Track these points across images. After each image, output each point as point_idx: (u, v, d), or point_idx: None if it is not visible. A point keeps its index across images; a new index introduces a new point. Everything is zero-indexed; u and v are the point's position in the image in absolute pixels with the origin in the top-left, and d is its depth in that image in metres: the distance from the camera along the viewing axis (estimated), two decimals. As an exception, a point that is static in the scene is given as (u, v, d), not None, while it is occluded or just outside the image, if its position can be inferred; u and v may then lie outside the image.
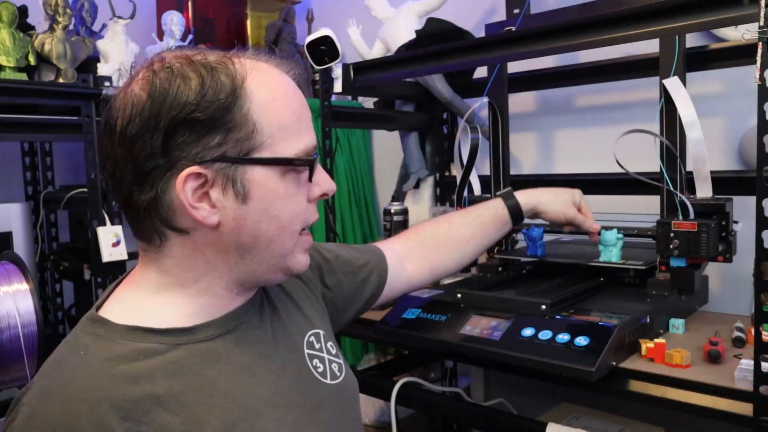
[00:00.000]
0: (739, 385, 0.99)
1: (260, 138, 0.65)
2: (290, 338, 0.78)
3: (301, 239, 0.72)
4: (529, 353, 1.12)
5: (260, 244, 0.68)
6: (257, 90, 0.66)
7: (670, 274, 1.27)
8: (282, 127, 0.67)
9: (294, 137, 0.68)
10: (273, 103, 0.67)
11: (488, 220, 1.15)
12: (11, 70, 1.60)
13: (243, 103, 0.65)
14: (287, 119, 0.68)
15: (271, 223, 0.68)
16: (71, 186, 1.91)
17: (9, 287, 1.26)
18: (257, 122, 0.65)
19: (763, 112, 0.90)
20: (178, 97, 0.62)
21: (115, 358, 0.63)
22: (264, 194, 0.67)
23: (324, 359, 0.80)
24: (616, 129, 1.30)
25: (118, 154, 0.64)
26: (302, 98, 0.72)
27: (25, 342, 1.22)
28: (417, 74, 1.82)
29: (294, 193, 0.69)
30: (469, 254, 1.15)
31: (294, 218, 0.70)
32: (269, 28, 2.35)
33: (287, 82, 0.71)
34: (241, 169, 0.65)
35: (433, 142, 2.10)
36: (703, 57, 1.48)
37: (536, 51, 1.27)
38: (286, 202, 0.68)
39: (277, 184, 0.67)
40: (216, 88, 0.64)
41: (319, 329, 0.84)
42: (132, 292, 0.71)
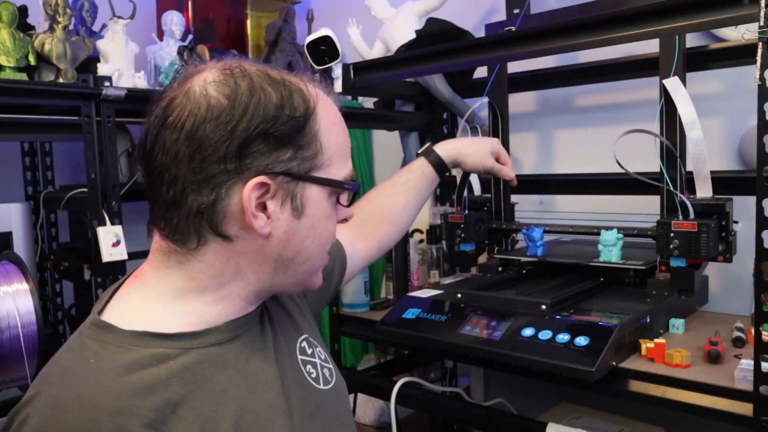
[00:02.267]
0: (739, 385, 0.99)
1: (322, 159, 0.70)
2: (285, 344, 0.79)
3: (323, 259, 0.76)
4: (529, 353, 1.12)
5: (300, 259, 0.72)
6: (324, 113, 0.70)
7: (670, 274, 1.27)
8: (338, 152, 0.72)
9: (343, 162, 0.73)
10: (333, 128, 0.72)
11: (417, 183, 1.18)
12: (11, 70, 1.60)
13: (314, 124, 0.69)
14: (341, 144, 0.73)
15: (314, 240, 0.72)
16: (71, 186, 1.91)
17: (9, 287, 1.26)
18: (322, 143, 0.70)
19: (763, 112, 0.90)
20: (260, 108, 0.64)
21: (128, 365, 0.62)
22: (315, 212, 0.71)
23: (316, 365, 0.81)
24: (616, 129, 1.30)
25: (181, 151, 0.63)
26: (345, 129, 0.77)
27: (25, 342, 1.22)
28: (417, 74, 1.82)
29: (332, 215, 0.74)
30: (408, 220, 1.20)
31: (330, 238, 0.75)
32: (269, 28, 2.35)
33: (335, 109, 0.76)
34: (302, 185, 0.68)
35: (433, 142, 2.10)
36: (703, 57, 1.48)
37: (536, 51, 1.27)
38: (327, 222, 0.73)
39: (326, 204, 0.72)
40: (293, 106, 0.66)
41: (307, 335, 0.85)
42: (141, 295, 0.69)
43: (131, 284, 0.71)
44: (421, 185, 1.18)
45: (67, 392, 0.60)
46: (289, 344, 0.80)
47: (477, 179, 1.75)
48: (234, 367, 0.68)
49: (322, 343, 0.88)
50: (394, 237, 1.18)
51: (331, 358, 0.87)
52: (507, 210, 1.69)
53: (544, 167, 1.98)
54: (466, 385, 1.99)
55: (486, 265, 1.61)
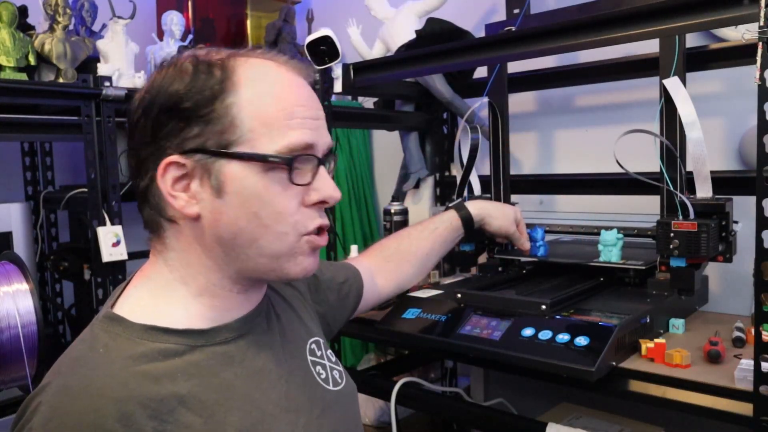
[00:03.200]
0: (739, 385, 0.99)
1: (238, 132, 0.65)
2: (294, 345, 0.79)
3: (300, 244, 0.69)
4: (529, 353, 1.12)
5: (241, 242, 0.67)
6: (246, 84, 0.66)
7: (670, 274, 1.27)
8: (265, 123, 0.66)
9: (279, 134, 0.66)
10: (259, 99, 0.66)
11: (444, 232, 1.24)
12: (11, 70, 1.60)
13: (226, 96, 0.65)
14: (273, 115, 0.66)
15: (250, 220, 0.66)
16: (71, 186, 1.91)
17: (9, 287, 1.26)
18: (237, 116, 0.65)
19: (763, 112, 0.90)
20: (170, 87, 0.65)
21: (136, 357, 0.63)
22: (239, 190, 0.66)
23: (326, 366, 0.81)
24: (616, 129, 1.30)
25: (129, 144, 0.71)
26: (304, 97, 0.69)
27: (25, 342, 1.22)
28: (417, 74, 1.82)
29: (278, 193, 0.66)
30: (429, 265, 1.24)
31: (278, 219, 0.67)
32: (269, 28, 2.35)
33: (287, 79, 0.69)
34: (219, 162, 0.65)
35: (433, 142, 2.10)
36: (703, 57, 1.48)
37: (536, 51, 1.27)
38: (266, 202, 0.66)
39: (256, 181, 0.65)
40: (205, 81, 0.65)
41: (318, 337, 0.85)
42: (146, 289, 0.71)
43: (139, 279, 0.73)
44: (447, 235, 1.24)
45: (76, 381, 0.61)
46: (298, 344, 0.80)
47: (477, 179, 1.75)
48: (240, 364, 0.69)
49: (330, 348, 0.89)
50: (413, 280, 1.21)
51: (341, 362, 0.88)
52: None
53: (544, 167, 1.98)
54: (466, 385, 1.99)
55: (486, 265, 1.61)
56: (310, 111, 0.69)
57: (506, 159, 1.71)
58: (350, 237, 2.26)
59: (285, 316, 0.82)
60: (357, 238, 2.28)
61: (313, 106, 0.70)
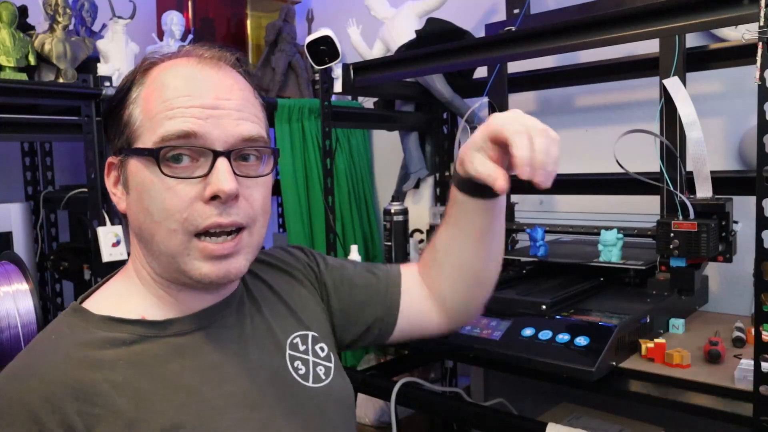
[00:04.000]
0: (739, 385, 0.99)
1: (133, 129, 0.67)
2: (271, 338, 0.77)
3: (193, 245, 0.66)
4: (529, 353, 1.12)
5: (146, 237, 0.68)
6: (145, 84, 0.68)
7: (670, 274, 1.27)
8: (149, 117, 0.66)
9: (157, 125, 0.65)
10: (148, 95, 0.67)
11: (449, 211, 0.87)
12: (11, 70, 1.60)
13: (128, 97, 0.69)
14: (155, 109, 0.66)
15: (145, 216, 0.66)
16: (71, 186, 1.91)
17: (9, 287, 1.26)
18: (132, 114, 0.67)
19: (763, 112, 0.90)
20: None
21: (83, 344, 0.66)
22: (135, 185, 0.67)
23: (308, 362, 0.78)
24: (616, 129, 1.30)
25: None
26: (198, 87, 0.66)
27: (25, 342, 1.22)
28: (417, 74, 1.82)
29: (166, 188, 0.64)
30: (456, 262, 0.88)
31: (166, 215, 0.65)
32: (269, 28, 2.35)
33: (186, 72, 0.68)
34: (126, 160, 0.68)
35: (433, 142, 2.10)
36: (703, 57, 1.48)
37: (536, 51, 1.27)
38: (156, 196, 0.65)
39: (146, 175, 0.65)
40: (122, 85, 0.70)
41: (311, 331, 0.82)
42: (119, 282, 0.75)
43: (119, 273, 0.76)
44: (454, 214, 0.86)
45: (19, 365, 0.65)
46: (277, 338, 0.78)
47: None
48: (192, 357, 0.69)
49: (330, 342, 0.84)
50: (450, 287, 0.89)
51: (337, 359, 0.83)
52: (507, 210, 1.69)
53: (544, 167, 1.98)
54: (466, 385, 1.99)
55: (486, 265, 1.61)
56: (199, 100, 0.65)
57: (506, 159, 1.71)
58: (350, 237, 2.26)
59: (267, 307, 0.80)
60: (357, 238, 2.28)
61: (207, 96, 0.66)
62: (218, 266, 0.67)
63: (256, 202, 0.69)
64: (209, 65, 0.69)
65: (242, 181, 0.67)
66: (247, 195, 0.68)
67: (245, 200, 0.67)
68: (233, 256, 0.67)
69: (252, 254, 0.71)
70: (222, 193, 0.64)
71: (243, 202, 0.67)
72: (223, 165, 0.64)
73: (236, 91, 0.69)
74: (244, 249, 0.69)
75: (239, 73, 0.71)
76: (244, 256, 0.69)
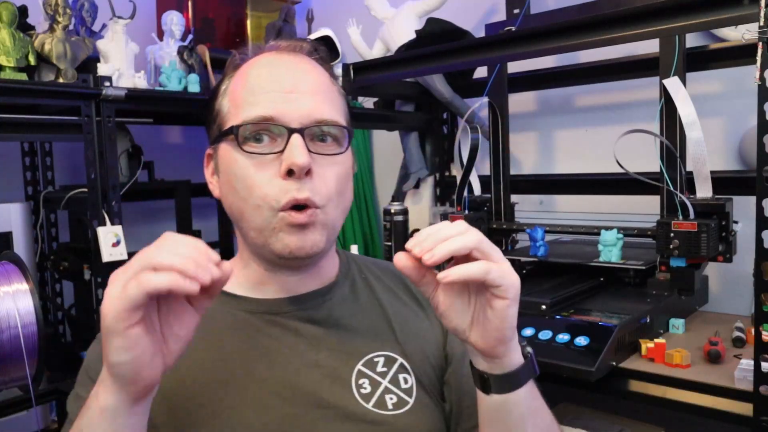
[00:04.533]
0: (739, 385, 0.99)
1: (221, 117, 0.73)
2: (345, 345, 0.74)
3: (277, 217, 0.68)
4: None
5: (236, 216, 0.72)
6: (233, 78, 0.75)
7: (670, 274, 1.27)
8: (235, 105, 0.72)
9: (240, 111, 0.70)
10: (235, 86, 0.73)
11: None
12: (11, 70, 1.60)
13: (219, 90, 0.75)
14: (239, 97, 0.72)
15: (234, 196, 0.71)
16: (71, 186, 1.91)
17: (9, 287, 1.26)
18: (222, 105, 0.74)
19: (763, 112, 0.90)
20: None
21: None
22: (224, 168, 0.72)
23: (379, 384, 0.73)
24: (616, 129, 1.30)
25: None
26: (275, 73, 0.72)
27: (25, 342, 1.22)
28: (417, 74, 1.82)
29: (248, 167, 0.69)
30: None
31: (249, 192, 0.69)
32: (269, 28, 2.35)
33: (265, 62, 0.74)
34: (217, 147, 0.74)
35: (433, 142, 2.10)
36: (703, 57, 1.48)
37: (536, 51, 1.27)
38: (240, 174, 0.69)
39: (234, 157, 0.70)
40: (217, 82, 0.77)
41: (403, 358, 0.75)
42: (235, 258, 0.80)
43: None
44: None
45: None
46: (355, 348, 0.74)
47: (477, 179, 1.75)
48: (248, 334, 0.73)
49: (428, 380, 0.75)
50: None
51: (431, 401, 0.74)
52: (507, 210, 1.69)
53: (544, 167, 1.98)
54: (466, 385, 1.98)
55: (486, 265, 1.61)
56: (278, 84, 0.70)
57: (506, 159, 1.71)
58: (350, 237, 2.26)
59: (363, 317, 0.77)
60: (357, 238, 2.28)
61: (285, 80, 0.71)
62: (297, 236, 0.69)
63: (329, 180, 0.70)
64: (287, 54, 0.75)
65: (316, 158, 0.69)
66: (321, 173, 0.70)
67: (319, 178, 0.69)
68: (310, 228, 0.69)
69: (329, 234, 0.71)
70: (295, 166, 0.66)
71: (317, 180, 0.69)
72: (296, 140, 0.67)
73: (312, 75, 0.73)
74: (320, 224, 0.70)
75: (315, 61, 0.76)
76: (320, 231, 0.70)
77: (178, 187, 2.13)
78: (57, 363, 1.81)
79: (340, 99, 0.76)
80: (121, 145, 1.88)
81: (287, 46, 0.76)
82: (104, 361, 0.54)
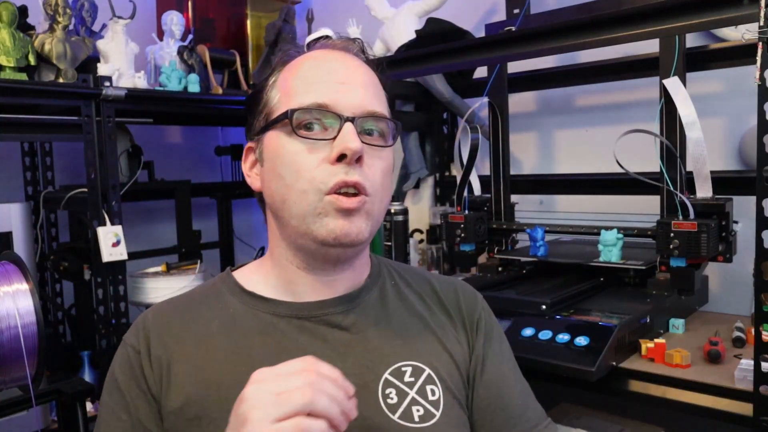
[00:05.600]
0: (739, 385, 0.99)
1: (270, 108, 0.73)
2: (373, 354, 0.72)
3: (324, 201, 0.68)
4: (529, 353, 1.12)
5: (278, 205, 0.72)
6: (282, 71, 0.75)
7: (670, 274, 1.27)
8: (286, 94, 0.72)
9: (293, 98, 0.71)
10: (286, 78, 0.74)
11: None
12: (11, 70, 1.60)
13: (267, 83, 0.76)
14: (291, 86, 0.72)
15: (278, 182, 0.71)
16: (71, 186, 1.91)
17: (9, 287, 1.26)
18: (270, 96, 0.74)
19: (763, 112, 0.90)
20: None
21: (205, 302, 0.77)
22: (270, 155, 0.72)
23: (406, 395, 0.70)
24: (616, 129, 1.30)
25: None
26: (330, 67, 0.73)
27: (25, 342, 1.22)
28: (417, 74, 1.82)
29: (297, 152, 0.69)
30: None
31: (297, 176, 0.69)
32: (269, 28, 2.35)
33: (318, 57, 0.75)
34: (262, 137, 0.74)
35: (433, 142, 2.10)
36: (703, 57, 1.48)
37: (536, 51, 1.27)
38: (288, 160, 0.70)
39: (283, 143, 0.70)
40: (262, 82, 0.77)
41: (431, 369, 0.73)
42: (259, 262, 0.81)
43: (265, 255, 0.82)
44: None
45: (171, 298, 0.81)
46: (384, 357, 0.72)
47: (477, 179, 1.75)
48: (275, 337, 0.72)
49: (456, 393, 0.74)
50: None
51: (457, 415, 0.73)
52: (507, 210, 1.69)
53: (544, 167, 1.98)
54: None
55: (486, 265, 1.61)
56: (330, 76, 0.72)
57: (506, 159, 1.71)
58: (350, 237, 2.26)
59: (391, 324, 0.75)
60: (357, 238, 2.28)
61: (339, 72, 0.72)
62: (343, 221, 0.68)
63: (376, 172, 0.71)
64: (338, 50, 0.76)
65: (365, 149, 0.70)
66: (370, 164, 0.70)
67: (368, 168, 0.70)
68: (357, 214, 0.69)
69: (373, 226, 0.71)
70: (348, 151, 0.67)
71: (366, 169, 0.69)
72: (349, 127, 0.68)
73: (362, 71, 0.74)
74: (366, 213, 0.70)
75: (365, 60, 0.77)
76: (365, 220, 0.70)
77: (178, 187, 2.13)
78: (57, 363, 1.81)
79: (385, 96, 0.77)
80: (121, 145, 1.88)
81: (338, 44, 0.77)
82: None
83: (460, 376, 0.76)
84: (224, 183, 2.45)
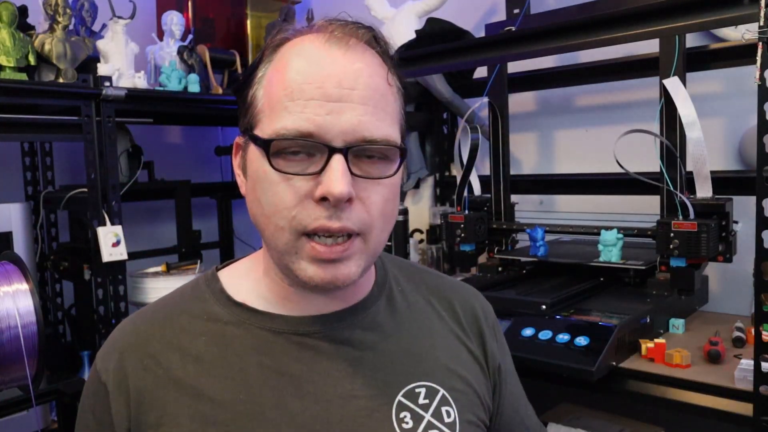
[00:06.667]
0: (739, 385, 0.99)
1: (254, 112, 0.62)
2: (385, 374, 0.66)
3: (300, 243, 0.59)
4: (529, 353, 1.12)
5: (260, 227, 0.63)
6: (272, 62, 0.62)
7: (670, 274, 1.27)
8: (270, 104, 0.60)
9: (276, 116, 0.59)
10: (272, 77, 0.61)
11: None
12: (11, 70, 1.60)
13: (255, 75, 0.63)
14: (276, 95, 0.59)
15: (257, 208, 0.61)
16: (71, 186, 1.91)
17: (9, 287, 1.26)
18: (255, 96, 0.62)
19: (763, 112, 0.90)
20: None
21: (187, 311, 0.67)
22: (251, 173, 0.62)
23: (422, 419, 0.65)
24: (616, 129, 1.30)
25: None
26: (315, 71, 0.59)
27: (25, 342, 1.22)
28: (417, 74, 1.82)
29: (278, 182, 0.59)
30: None
31: (275, 210, 0.59)
32: (269, 28, 2.35)
33: (303, 52, 0.60)
34: (247, 144, 0.63)
35: (433, 142, 2.10)
36: (703, 57, 1.48)
37: (536, 51, 1.27)
38: (268, 189, 0.59)
39: (260, 165, 0.60)
40: (251, 65, 0.65)
41: (445, 389, 0.68)
42: (249, 261, 0.72)
43: (257, 252, 0.73)
44: None
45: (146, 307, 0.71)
46: (393, 375, 0.66)
47: (477, 179, 1.75)
48: (273, 358, 0.63)
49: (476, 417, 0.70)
50: None
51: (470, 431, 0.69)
52: (507, 210, 1.69)
53: (544, 167, 1.98)
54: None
55: (486, 265, 1.61)
56: (320, 90, 0.58)
57: (506, 159, 1.71)
58: (350, 237, 2.26)
59: (401, 338, 0.69)
60: (357, 238, 2.28)
61: (329, 84, 0.58)
62: (325, 270, 0.59)
63: (374, 206, 0.60)
64: (338, 45, 0.60)
65: (360, 182, 0.59)
66: (365, 197, 0.59)
67: (361, 203, 0.59)
68: (342, 262, 0.60)
69: (367, 261, 0.62)
70: (331, 196, 0.56)
71: (358, 206, 0.59)
72: (337, 164, 0.57)
73: (364, 78, 0.59)
74: (356, 255, 0.61)
75: (374, 54, 0.62)
76: (355, 262, 0.61)
77: (178, 187, 2.14)
78: (57, 363, 1.81)
79: (395, 105, 0.63)
80: (121, 145, 1.88)
81: (340, 36, 0.60)
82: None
83: (474, 393, 0.71)
84: (224, 183, 2.45)
